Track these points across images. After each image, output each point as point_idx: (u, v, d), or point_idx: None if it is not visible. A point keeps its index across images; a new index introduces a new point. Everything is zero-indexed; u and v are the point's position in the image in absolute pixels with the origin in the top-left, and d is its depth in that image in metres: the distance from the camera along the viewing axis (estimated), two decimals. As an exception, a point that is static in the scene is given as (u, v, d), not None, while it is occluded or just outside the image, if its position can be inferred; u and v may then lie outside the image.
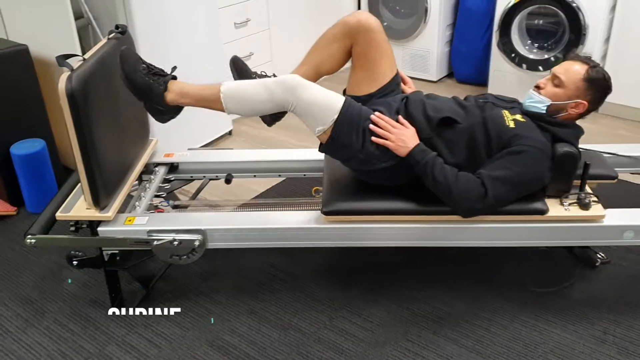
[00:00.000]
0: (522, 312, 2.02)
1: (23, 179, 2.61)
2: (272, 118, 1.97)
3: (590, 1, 3.28)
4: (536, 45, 3.60)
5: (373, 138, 1.83)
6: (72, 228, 1.95)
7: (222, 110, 1.86)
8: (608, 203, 2.56)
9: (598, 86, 1.88)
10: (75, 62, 1.80)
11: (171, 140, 2.61)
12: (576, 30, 3.34)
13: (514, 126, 1.84)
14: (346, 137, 1.83)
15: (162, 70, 1.89)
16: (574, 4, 3.29)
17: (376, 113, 1.87)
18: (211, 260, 2.28)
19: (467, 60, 4.02)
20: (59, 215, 1.92)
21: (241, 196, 2.74)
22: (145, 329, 1.99)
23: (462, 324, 1.97)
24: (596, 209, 1.89)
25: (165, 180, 2.33)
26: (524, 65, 3.60)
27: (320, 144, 1.90)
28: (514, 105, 1.96)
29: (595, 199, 1.91)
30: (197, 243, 1.90)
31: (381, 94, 1.98)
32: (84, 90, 1.74)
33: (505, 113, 1.89)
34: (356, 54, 1.97)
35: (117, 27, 2.07)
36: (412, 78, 4.27)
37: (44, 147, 2.60)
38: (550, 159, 1.84)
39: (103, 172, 1.86)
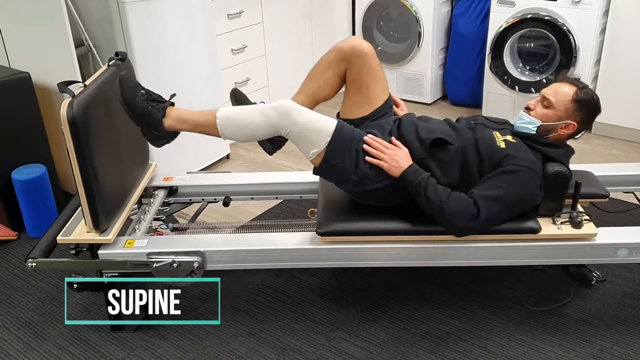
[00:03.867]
0: (519, 330, 2.03)
1: (24, 204, 2.63)
2: (273, 146, 2.00)
3: (580, 24, 3.35)
4: (528, 67, 3.66)
5: (367, 158, 1.87)
6: (73, 251, 1.97)
7: (218, 136, 1.91)
8: (601, 222, 2.60)
9: (587, 107, 1.92)
10: (76, 89, 1.84)
11: (170, 164, 2.64)
12: (567, 52, 3.40)
13: (505, 147, 1.87)
14: (339, 159, 1.86)
15: (161, 97, 1.95)
16: (565, 27, 3.36)
17: (369, 135, 1.91)
18: (210, 282, 2.31)
19: (460, 82, 4.08)
20: (60, 238, 1.94)
21: (239, 218, 2.76)
22: (144, 351, 2.00)
23: (460, 344, 1.98)
24: (588, 228, 1.91)
25: (165, 204, 2.36)
26: (517, 87, 3.65)
27: (314, 167, 1.93)
28: (504, 126, 2.00)
29: (587, 217, 1.93)
30: (196, 265, 1.92)
31: (374, 117, 2.02)
32: (84, 116, 1.78)
33: (496, 134, 1.93)
34: (350, 78, 2.01)
35: (117, 54, 2.12)
36: (406, 101, 4.38)
37: (45, 172, 2.63)
38: (542, 178, 1.87)
39: (103, 196, 1.89)
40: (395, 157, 1.86)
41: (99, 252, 1.95)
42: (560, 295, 2.19)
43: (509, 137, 1.92)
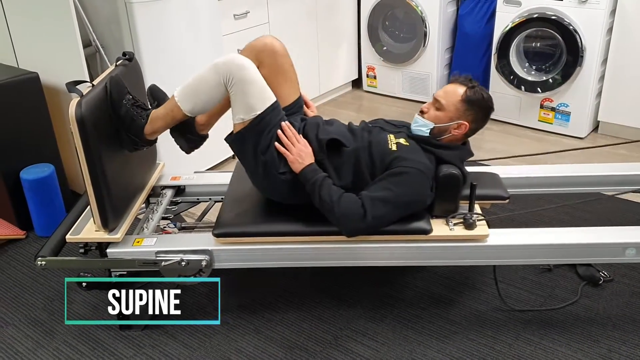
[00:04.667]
0: (526, 330, 2.03)
1: (32, 203, 2.64)
2: (189, 145, 2.04)
3: (587, 23, 3.34)
4: (534, 67, 3.65)
5: (276, 144, 1.89)
6: (82, 250, 1.99)
7: (185, 116, 1.91)
8: (608, 221, 2.61)
9: (477, 106, 1.96)
10: (84, 88, 1.85)
11: (178, 164, 2.65)
12: (573, 52, 3.40)
13: (396, 149, 1.90)
14: (257, 135, 1.88)
15: (145, 104, 1.99)
16: (571, 27, 3.35)
17: (287, 122, 1.92)
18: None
19: None
20: (69, 237, 1.95)
21: (246, 218, 2.77)
22: (152, 349, 2.01)
23: (467, 343, 1.99)
24: (481, 229, 1.92)
25: (172, 203, 2.37)
26: (523, 87, 3.65)
27: (231, 132, 1.94)
28: (401, 129, 2.03)
29: (481, 218, 1.94)
30: (204, 263, 1.93)
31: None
32: (93, 115, 1.80)
33: (390, 137, 1.96)
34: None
35: (124, 54, 2.13)
36: (412, 101, 4.39)
37: (53, 171, 2.64)
38: (433, 180, 1.90)
39: (112, 195, 1.90)
40: (301, 152, 1.88)
41: (108, 250, 1.96)
42: (568, 294, 2.19)
43: (402, 140, 1.94)
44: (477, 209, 2.01)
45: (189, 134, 2.03)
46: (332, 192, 1.84)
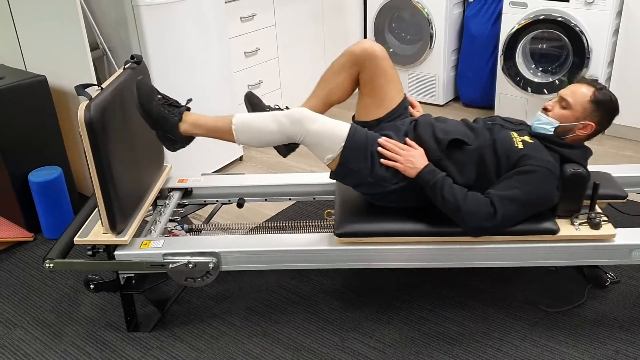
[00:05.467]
0: (533, 331, 2.03)
1: (40, 205, 2.66)
2: (287, 149, 2.02)
3: (593, 25, 3.34)
4: (540, 68, 3.65)
5: (382, 160, 1.88)
6: (89, 253, 2.00)
7: (233, 141, 1.93)
8: (614, 223, 2.59)
9: (605, 108, 1.92)
10: (93, 92, 1.87)
11: (185, 166, 2.67)
12: (580, 53, 3.39)
13: (522, 147, 1.88)
14: (355, 163, 1.88)
15: (177, 102, 1.99)
16: (577, 28, 3.35)
17: (383, 137, 1.92)
18: (224, 283, 2.33)
19: (472, 84, 4.07)
20: (77, 240, 1.97)
21: (252, 220, 2.78)
22: (160, 351, 2.02)
23: (474, 345, 1.99)
24: (607, 229, 1.91)
25: (180, 205, 2.38)
26: (529, 89, 3.64)
27: (331, 171, 1.95)
28: (522, 127, 2.01)
29: (605, 218, 1.93)
30: (211, 265, 1.94)
31: (389, 119, 2.03)
32: (102, 118, 1.81)
33: (514, 135, 1.94)
34: (363, 81, 2.03)
35: (132, 57, 2.14)
36: (419, 102, 4.37)
37: (61, 174, 2.66)
38: (559, 179, 1.88)
39: (120, 197, 1.91)
40: (410, 157, 1.87)
41: (116, 253, 1.97)
42: (574, 296, 2.19)
43: (526, 138, 1.93)
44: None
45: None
46: (455, 192, 1.82)
